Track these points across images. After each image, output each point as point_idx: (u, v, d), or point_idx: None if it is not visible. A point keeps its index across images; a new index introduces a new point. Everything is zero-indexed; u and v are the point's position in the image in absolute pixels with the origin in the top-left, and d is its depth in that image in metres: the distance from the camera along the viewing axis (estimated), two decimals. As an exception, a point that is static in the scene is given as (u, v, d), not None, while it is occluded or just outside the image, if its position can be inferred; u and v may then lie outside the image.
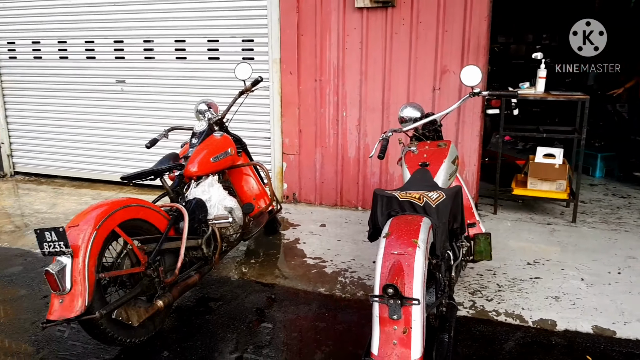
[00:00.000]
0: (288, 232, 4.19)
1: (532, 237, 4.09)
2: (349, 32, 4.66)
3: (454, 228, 2.60)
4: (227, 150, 3.35)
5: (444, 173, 2.91)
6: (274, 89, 4.96)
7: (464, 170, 4.56)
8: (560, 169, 4.48)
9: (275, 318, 2.87)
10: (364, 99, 4.73)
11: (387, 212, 2.45)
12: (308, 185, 5.06)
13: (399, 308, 1.85)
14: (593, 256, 3.67)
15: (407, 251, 2.01)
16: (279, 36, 4.84)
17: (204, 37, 5.19)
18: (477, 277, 3.34)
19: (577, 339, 2.65)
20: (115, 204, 2.38)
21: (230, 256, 3.63)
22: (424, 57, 4.49)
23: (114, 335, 2.33)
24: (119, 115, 5.63)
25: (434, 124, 3.36)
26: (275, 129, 5.04)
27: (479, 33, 4.31)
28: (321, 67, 4.79)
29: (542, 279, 3.32)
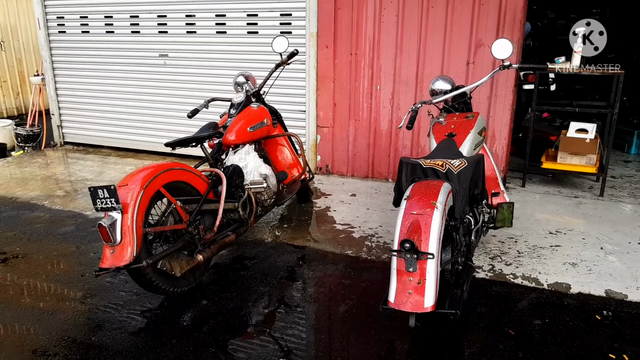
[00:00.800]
0: (320, 200, 4.43)
1: (558, 208, 4.20)
2: (385, 6, 4.76)
3: (474, 194, 2.78)
4: (263, 121, 3.59)
5: (469, 143, 3.06)
6: (310, 63, 5.14)
7: (495, 144, 4.66)
8: (591, 144, 4.52)
9: (305, 275, 3.14)
10: (398, 73, 4.86)
11: (412, 178, 2.65)
12: (341, 158, 5.26)
13: (414, 261, 2.07)
14: (616, 227, 3.77)
15: (426, 211, 2.22)
16: (316, 10, 5.00)
17: (243, 11, 5.39)
18: (499, 244, 3.50)
19: (589, 301, 2.80)
20: (160, 167, 2.65)
21: (265, 221, 3.91)
22: (459, 31, 4.56)
23: (159, 284, 2.61)
24: (161, 88, 5.94)
25: (463, 97, 3.48)
26: (311, 102, 5.24)
27: (515, 7, 4.34)
28: (357, 40, 4.93)
29: (562, 247, 3.45)
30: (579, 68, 4.52)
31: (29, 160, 5.93)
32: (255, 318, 2.67)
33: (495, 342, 2.41)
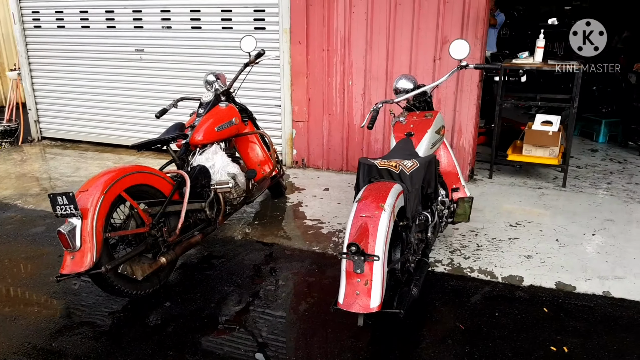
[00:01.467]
0: (293, 195, 4.55)
1: (521, 200, 4.36)
2: (355, 3, 4.84)
3: (428, 193, 2.92)
4: (232, 120, 3.68)
5: (426, 142, 3.19)
6: (284, 59, 5.22)
7: (461, 137, 4.80)
8: (554, 136, 4.67)
9: (270, 273, 3.26)
10: (369, 69, 4.96)
11: (368, 179, 2.78)
12: (316, 151, 5.38)
13: (362, 263, 2.20)
14: (573, 219, 3.94)
15: (374, 214, 2.34)
16: (288, 6, 5.06)
17: (218, 7, 5.44)
18: (460, 238, 3.66)
19: (539, 294, 2.97)
20: (122, 171, 2.73)
21: (236, 218, 4.02)
22: (426, 28, 4.66)
23: (121, 288, 2.70)
24: (138, 83, 5.99)
25: (424, 96, 3.60)
26: (286, 97, 5.33)
27: (478, 4, 4.45)
28: (329, 37, 5.01)
29: (519, 239, 3.62)
30: (541, 63, 4.65)
31: (6, 156, 5.97)
32: (216, 319, 2.76)
33: (445, 337, 2.57)
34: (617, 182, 4.81)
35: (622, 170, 5.19)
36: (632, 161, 5.52)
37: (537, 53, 4.73)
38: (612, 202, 4.27)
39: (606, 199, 4.37)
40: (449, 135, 4.82)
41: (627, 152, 5.89)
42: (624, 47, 8.09)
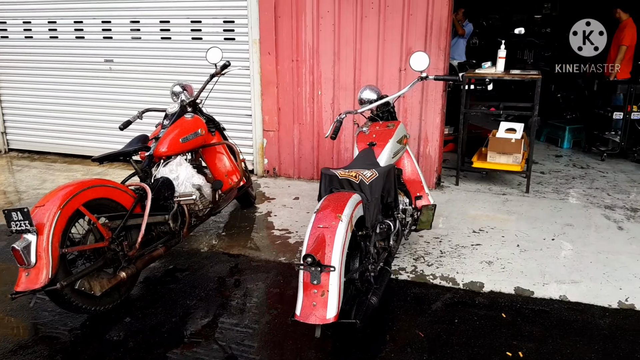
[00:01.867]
0: (263, 205, 4.58)
1: (485, 206, 4.47)
2: (322, 15, 4.92)
3: (388, 202, 2.98)
4: (198, 131, 3.69)
5: (388, 152, 3.26)
6: (254, 69, 5.26)
7: (427, 145, 4.89)
8: (517, 143, 4.80)
9: (234, 285, 3.26)
10: (337, 79, 5.04)
11: (329, 189, 2.83)
12: (287, 160, 5.42)
13: (318, 274, 2.24)
14: (534, 224, 4.05)
15: (331, 225, 2.39)
16: (257, 18, 5.11)
17: (187, 17, 5.46)
18: (424, 245, 3.73)
19: (499, 299, 3.05)
20: (81, 185, 2.71)
21: (203, 229, 4.03)
22: (392, 39, 4.76)
23: (79, 304, 2.66)
24: (107, 94, 5.97)
25: (387, 106, 3.68)
26: (256, 107, 5.37)
27: (440, 17, 4.56)
28: (297, 48, 5.07)
29: (482, 245, 3.71)
30: (502, 73, 4.78)
31: (-27, 169, 5.87)
32: (177, 333, 2.76)
33: (405, 345, 2.62)
34: (578, 187, 4.96)
35: (584, 175, 5.35)
36: (594, 166, 5.69)
37: (499, 63, 4.86)
38: (572, 207, 4.41)
39: (567, 204, 4.50)
40: (416, 143, 4.91)
41: (590, 157, 6.07)
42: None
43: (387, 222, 3.11)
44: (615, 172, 5.45)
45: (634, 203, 4.51)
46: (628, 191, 4.83)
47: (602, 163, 5.82)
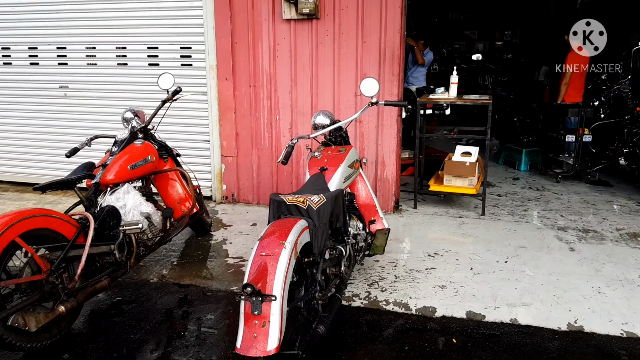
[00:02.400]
0: (218, 232, 4.50)
1: (441, 229, 4.49)
2: (279, 42, 4.95)
3: (337, 227, 2.96)
4: (147, 158, 3.62)
5: (338, 176, 3.25)
6: (212, 94, 5.24)
7: (385, 169, 4.92)
8: (471, 167, 4.87)
9: (181, 318, 3.15)
10: (295, 104, 5.05)
11: (277, 215, 2.79)
12: (246, 186, 5.36)
13: (259, 304, 2.18)
14: (488, 247, 4.08)
15: (274, 252, 2.34)
16: (214, 44, 5.11)
17: (144, 44, 5.42)
18: (380, 269, 3.70)
19: (450, 324, 3.03)
20: (18, 215, 2.60)
21: (154, 259, 3.92)
22: (347, 65, 4.82)
23: (12, 341, 2.50)
24: (62, 121, 5.83)
25: (340, 131, 3.69)
26: (214, 133, 5.32)
27: (393, 44, 4.65)
28: (255, 73, 5.08)
29: (436, 269, 3.70)
30: (455, 98, 4.88)
31: None
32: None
33: (352, 372, 2.56)
34: (533, 209, 5.05)
35: (539, 197, 5.46)
36: (549, 188, 5.82)
37: (452, 89, 4.97)
38: (526, 229, 4.47)
39: (521, 226, 4.56)
40: (374, 167, 4.94)
41: (546, 179, 6.21)
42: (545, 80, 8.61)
43: (338, 247, 3.08)
44: (570, 194, 5.58)
45: (586, 224, 4.60)
46: (581, 212, 4.94)
47: (557, 185, 5.95)
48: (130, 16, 5.38)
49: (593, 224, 4.60)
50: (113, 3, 5.38)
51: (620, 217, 4.81)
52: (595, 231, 4.42)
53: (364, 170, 3.92)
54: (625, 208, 5.09)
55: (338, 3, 4.72)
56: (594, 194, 5.59)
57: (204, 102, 5.30)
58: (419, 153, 5.12)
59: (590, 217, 4.80)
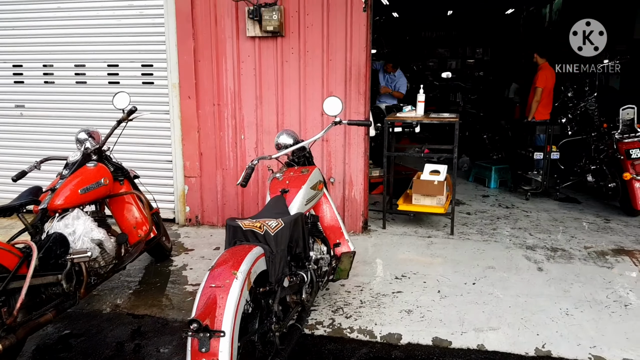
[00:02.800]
0: (179, 258, 4.31)
1: (410, 250, 4.40)
2: (243, 59, 4.84)
3: (297, 253, 2.82)
4: (100, 181, 3.43)
5: (300, 199, 3.12)
6: (174, 113, 5.08)
7: (352, 189, 4.82)
8: (439, 185, 4.81)
9: (133, 352, 2.94)
10: (260, 123, 4.93)
11: (234, 242, 2.64)
12: (210, 208, 5.19)
13: (207, 341, 2.03)
14: (457, 268, 3.99)
15: (225, 283, 2.19)
16: (177, 62, 4.98)
17: (104, 61, 5.25)
18: (345, 294, 3.57)
19: (415, 352, 2.91)
20: None
21: (109, 287, 3.71)
22: (313, 84, 4.74)
23: None
24: (18, 141, 5.58)
25: (303, 151, 3.58)
26: (177, 153, 5.15)
27: (359, 62, 4.59)
28: (218, 92, 4.95)
29: (403, 292, 3.59)
30: (422, 116, 4.83)
31: None
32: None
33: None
34: (502, 227, 5.00)
35: (508, 215, 5.42)
36: (518, 206, 5.80)
37: (419, 107, 4.93)
38: (495, 249, 4.40)
39: (490, 245, 4.50)
40: (341, 187, 4.83)
41: (516, 197, 6.20)
42: (515, 97, 8.70)
43: (300, 273, 2.95)
44: (539, 211, 5.56)
45: (555, 242, 4.57)
46: (549, 230, 4.91)
47: (527, 202, 5.94)
48: (89, 33, 5.21)
49: (561, 242, 4.57)
50: (71, 20, 5.20)
51: (589, 234, 4.79)
52: (564, 250, 4.38)
53: (329, 191, 3.81)
54: (593, 225, 5.08)
55: (303, 21, 4.66)
56: (562, 211, 5.59)
57: (166, 121, 5.14)
58: (387, 172, 5.04)
59: (559, 235, 4.77)
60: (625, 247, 4.46)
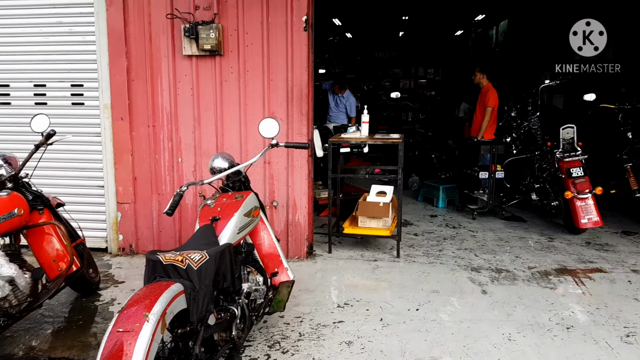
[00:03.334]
0: (107, 291, 4.00)
1: (355, 276, 4.25)
2: (180, 79, 4.64)
3: (225, 287, 2.61)
4: (14, 211, 3.13)
5: (232, 227, 2.93)
6: (106, 136, 4.80)
7: (297, 213, 4.65)
8: (384, 207, 4.71)
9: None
10: (199, 145, 4.71)
11: (153, 278, 2.41)
12: (145, 235, 4.89)
13: (107, 396, 1.78)
14: (401, 293, 3.87)
15: (134, 327, 1.97)
16: (109, 81, 4.72)
17: (30, 81, 4.92)
18: (283, 327, 3.37)
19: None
20: None
21: (24, 327, 3.36)
22: (253, 104, 4.58)
23: None
24: None
25: (239, 175, 3.40)
26: (109, 177, 4.85)
27: (301, 82, 4.47)
28: (154, 113, 4.71)
29: (344, 322, 3.42)
30: (366, 137, 4.75)
31: None
32: None
33: None
34: (448, 248, 4.94)
35: (455, 235, 5.38)
36: (465, 225, 5.78)
37: (363, 127, 4.85)
38: (440, 271, 4.32)
39: (435, 268, 4.41)
40: (285, 211, 4.66)
41: (463, 216, 6.19)
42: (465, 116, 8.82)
43: (231, 308, 2.75)
44: (485, 231, 5.55)
45: (499, 263, 4.53)
46: (495, 251, 4.88)
47: (473, 222, 5.94)
48: (14, 51, 4.87)
49: (506, 262, 4.54)
50: (-7, 36, 4.87)
51: (533, 254, 4.79)
52: (508, 271, 4.34)
53: (267, 216, 3.63)
54: (537, 244, 5.10)
55: (242, 39, 4.51)
56: (508, 230, 5.60)
57: (97, 144, 4.84)
58: (332, 194, 4.91)
59: (504, 255, 4.74)
60: (568, 266, 4.47)
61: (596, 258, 4.67)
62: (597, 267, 4.45)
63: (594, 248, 4.95)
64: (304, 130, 4.53)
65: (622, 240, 5.24)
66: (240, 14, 4.46)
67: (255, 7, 4.43)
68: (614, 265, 4.49)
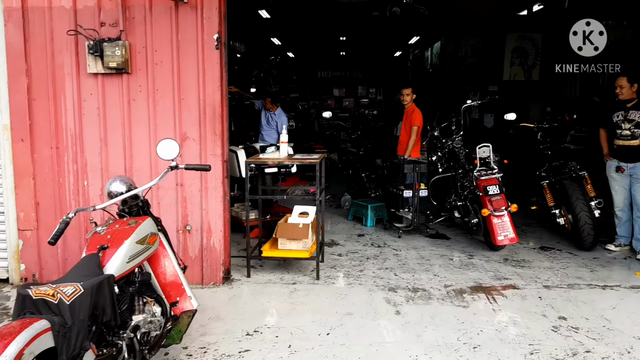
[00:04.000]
0: None
1: (270, 300, 4.12)
2: (85, 98, 4.41)
3: (105, 322, 2.42)
4: None
5: (121, 256, 2.75)
6: (6, 158, 4.48)
7: (212, 237, 4.47)
8: (304, 229, 4.62)
9: None
10: (106, 167, 4.47)
11: (23, 313, 2.20)
12: (50, 264, 4.57)
13: None
14: (315, 317, 3.77)
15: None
16: (7, 100, 4.42)
17: None
18: (185, 359, 3.17)
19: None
20: None
21: None
22: (164, 124, 4.40)
23: None
24: None
25: (136, 199, 3.22)
26: (9, 203, 4.51)
27: (214, 101, 4.34)
28: (57, 133, 4.45)
29: (250, 351, 3.28)
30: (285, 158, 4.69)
31: None
32: None
33: None
34: (369, 268, 4.89)
35: (378, 255, 5.35)
36: (390, 244, 5.77)
37: (282, 147, 4.77)
38: (357, 293, 4.26)
39: (353, 289, 4.35)
40: (199, 235, 4.47)
41: (389, 234, 6.19)
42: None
43: (119, 343, 2.55)
44: (408, 249, 5.56)
45: (417, 282, 4.52)
46: (415, 269, 4.88)
47: (399, 240, 5.95)
48: None
49: (424, 281, 4.54)
50: None
51: (451, 272, 4.82)
52: (424, 289, 4.33)
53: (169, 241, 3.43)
54: (457, 262, 5.14)
55: (151, 57, 4.34)
56: (430, 248, 5.64)
57: (-4, 168, 4.50)
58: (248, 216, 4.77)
59: (423, 274, 4.74)
60: (484, 283, 4.51)
61: (511, 274, 4.75)
62: (511, 283, 4.52)
63: (511, 264, 5.05)
64: (218, 150, 4.39)
65: (539, 256, 5.38)
66: (149, 31, 4.30)
67: (164, 24, 4.29)
68: (527, 281, 4.58)
